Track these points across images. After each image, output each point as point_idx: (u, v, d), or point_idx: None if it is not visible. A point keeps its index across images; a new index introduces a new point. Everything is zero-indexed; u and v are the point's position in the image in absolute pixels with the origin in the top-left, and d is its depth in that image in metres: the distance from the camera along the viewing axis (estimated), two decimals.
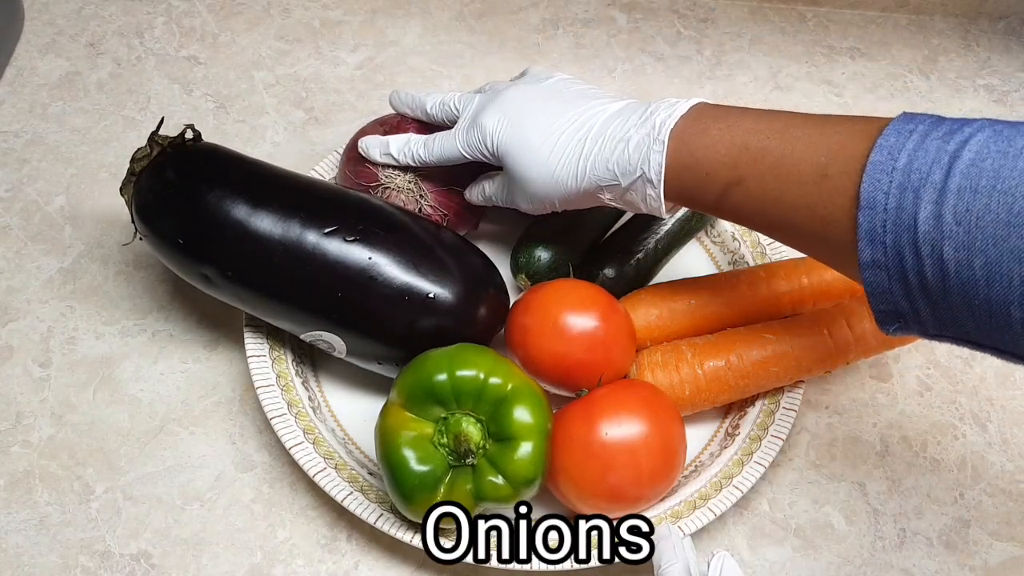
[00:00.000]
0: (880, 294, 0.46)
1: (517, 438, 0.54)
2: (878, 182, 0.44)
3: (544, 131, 0.60)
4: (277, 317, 0.61)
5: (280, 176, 0.62)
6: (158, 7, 0.88)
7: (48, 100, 0.81)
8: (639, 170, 0.56)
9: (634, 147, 0.56)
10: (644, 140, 0.56)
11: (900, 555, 0.61)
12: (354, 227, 0.59)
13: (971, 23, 0.91)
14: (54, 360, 0.68)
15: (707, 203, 0.55)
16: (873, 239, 0.44)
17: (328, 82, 0.84)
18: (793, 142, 0.50)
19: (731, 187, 0.53)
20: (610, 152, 0.57)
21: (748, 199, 0.52)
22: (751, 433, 0.62)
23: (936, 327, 0.45)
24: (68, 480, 0.63)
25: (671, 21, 0.90)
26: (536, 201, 0.62)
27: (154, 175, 0.61)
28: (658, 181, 0.55)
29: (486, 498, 0.54)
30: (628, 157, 0.56)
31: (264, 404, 0.62)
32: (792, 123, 0.52)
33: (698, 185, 0.54)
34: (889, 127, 0.46)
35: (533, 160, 0.60)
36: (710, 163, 0.53)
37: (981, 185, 0.41)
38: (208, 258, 0.60)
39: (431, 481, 0.54)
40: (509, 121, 0.61)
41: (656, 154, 0.55)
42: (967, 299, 0.42)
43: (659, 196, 0.56)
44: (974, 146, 0.43)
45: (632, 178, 0.56)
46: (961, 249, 0.42)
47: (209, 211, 0.59)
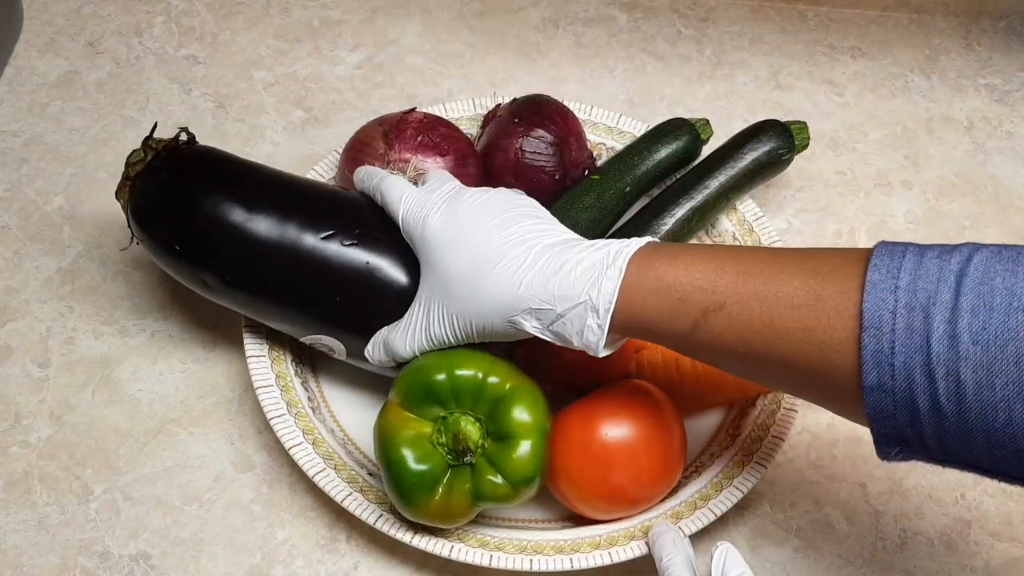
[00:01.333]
0: (884, 418, 0.43)
1: (516, 437, 0.54)
2: (882, 301, 0.42)
3: (483, 239, 0.54)
4: (276, 321, 0.61)
5: (276, 179, 0.62)
6: (157, 6, 0.88)
7: (47, 99, 0.81)
8: (584, 296, 0.49)
9: (582, 271, 0.50)
10: (596, 265, 0.50)
11: (901, 556, 0.61)
12: (351, 231, 0.59)
13: (972, 22, 0.91)
14: (53, 360, 0.67)
15: (677, 333, 0.49)
16: (880, 361, 0.42)
17: (328, 81, 0.84)
18: (776, 266, 0.47)
19: (709, 314, 0.47)
20: (552, 272, 0.51)
21: (729, 326, 0.47)
22: (752, 433, 0.62)
23: (942, 453, 0.43)
24: (67, 480, 0.63)
25: (671, 20, 0.90)
26: (459, 321, 0.54)
27: (149, 181, 0.61)
28: (605, 311, 0.49)
29: (485, 497, 0.54)
30: (573, 280, 0.50)
31: (263, 404, 0.62)
32: (769, 251, 0.49)
33: (666, 312, 0.49)
34: (877, 248, 0.44)
35: (465, 267, 0.53)
36: (683, 287, 0.48)
37: (996, 303, 0.40)
38: (205, 264, 0.60)
39: (429, 480, 0.54)
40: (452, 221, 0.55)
41: (609, 280, 0.49)
42: (985, 423, 0.40)
43: (602, 328, 0.49)
44: (979, 264, 0.41)
45: (571, 304, 0.50)
46: (980, 370, 0.40)
47: (205, 217, 0.59)
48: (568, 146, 0.70)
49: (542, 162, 0.69)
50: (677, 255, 0.49)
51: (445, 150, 0.67)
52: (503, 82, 0.84)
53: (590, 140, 0.74)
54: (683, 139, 0.72)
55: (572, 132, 0.71)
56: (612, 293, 0.49)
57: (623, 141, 0.75)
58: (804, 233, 0.76)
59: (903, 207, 0.78)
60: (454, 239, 0.54)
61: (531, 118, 0.70)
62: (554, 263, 0.51)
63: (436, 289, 0.55)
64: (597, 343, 0.50)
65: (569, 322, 0.50)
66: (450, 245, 0.54)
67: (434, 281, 0.55)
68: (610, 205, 0.70)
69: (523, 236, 0.53)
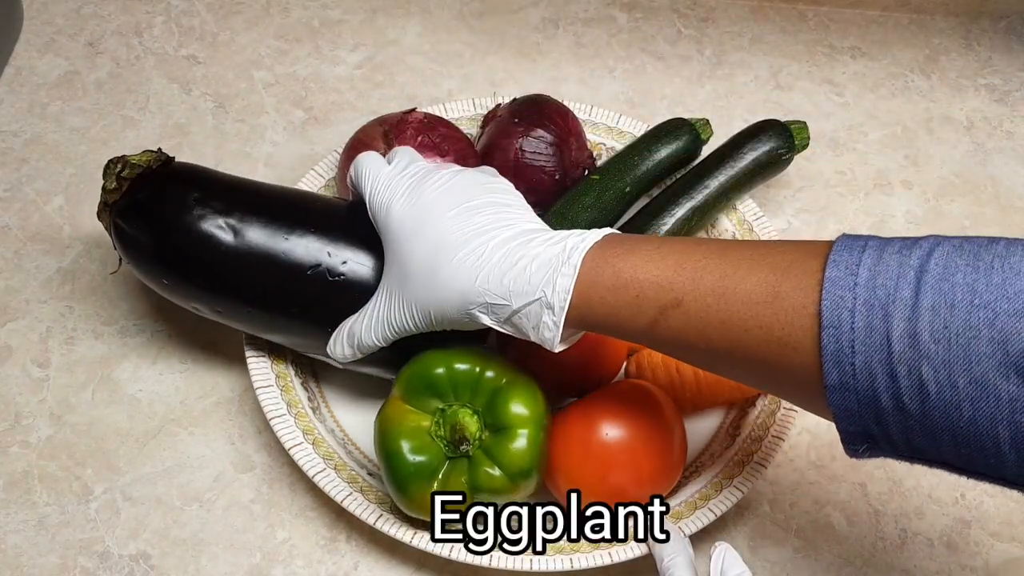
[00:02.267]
0: (848, 417, 0.43)
1: (513, 428, 0.54)
2: (840, 299, 0.41)
3: (443, 229, 0.53)
4: (272, 339, 0.62)
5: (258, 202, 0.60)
6: (157, 6, 0.88)
7: (47, 99, 0.81)
8: (539, 292, 0.49)
9: (538, 267, 0.50)
10: (551, 261, 0.50)
11: (901, 556, 0.61)
12: (338, 261, 0.58)
13: (972, 22, 0.91)
14: (53, 360, 0.67)
15: (635, 329, 0.49)
16: (840, 360, 0.41)
17: (328, 81, 0.84)
18: (735, 261, 0.46)
19: (666, 310, 0.47)
20: (508, 267, 0.50)
21: (687, 323, 0.47)
22: (752, 434, 0.62)
23: (908, 450, 0.43)
24: (67, 480, 0.63)
25: (671, 20, 0.90)
26: (420, 311, 0.53)
27: (128, 216, 0.60)
28: (560, 308, 0.49)
29: (481, 488, 0.54)
30: (528, 277, 0.50)
31: (263, 404, 0.62)
32: (728, 244, 0.48)
33: (624, 309, 0.48)
34: (837, 242, 0.43)
35: (424, 257, 0.53)
36: (640, 284, 0.48)
37: (957, 300, 0.39)
38: (194, 297, 0.60)
39: (427, 472, 0.54)
40: (413, 207, 0.55)
41: (564, 278, 0.49)
42: (949, 421, 0.40)
43: (557, 324, 0.49)
44: (939, 260, 0.40)
45: (526, 300, 0.49)
46: (942, 369, 0.39)
47: (190, 254, 0.58)
48: (568, 146, 0.70)
49: (542, 162, 0.69)
50: (635, 249, 0.49)
51: (445, 150, 0.67)
52: (503, 82, 0.84)
53: (590, 140, 0.74)
54: (683, 139, 0.72)
55: (572, 132, 0.71)
56: (567, 291, 0.49)
57: (623, 141, 0.75)
58: (804, 233, 0.76)
59: (903, 207, 0.78)
60: (415, 229, 0.54)
61: (531, 118, 0.70)
62: (510, 258, 0.50)
63: (397, 278, 0.54)
64: (552, 339, 0.50)
65: (525, 317, 0.50)
66: (411, 234, 0.54)
67: (395, 269, 0.54)
68: (610, 205, 0.70)
69: (483, 227, 0.53)
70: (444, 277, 0.52)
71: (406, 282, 0.53)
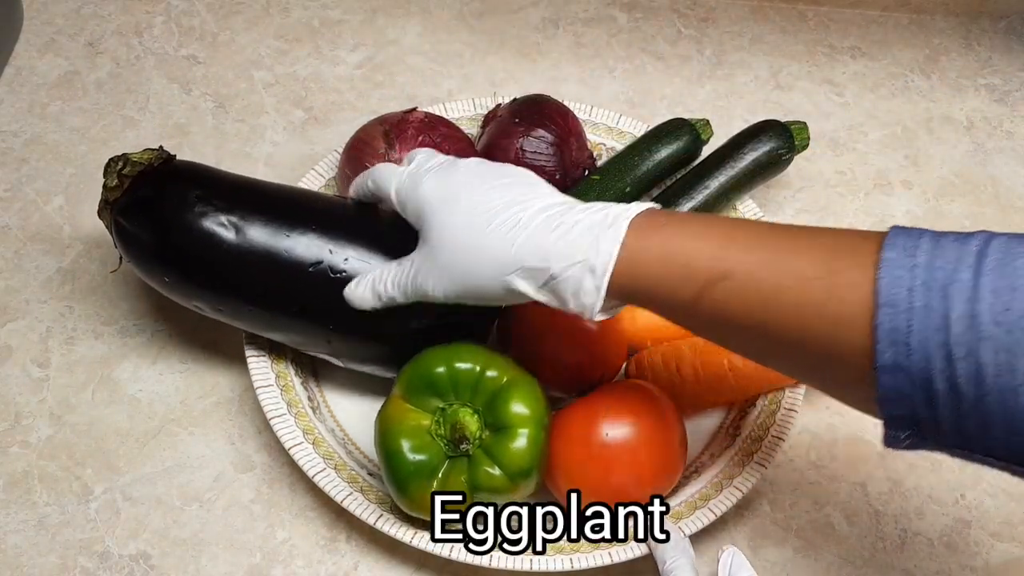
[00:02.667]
0: (898, 399, 0.41)
1: (513, 428, 0.54)
2: (898, 279, 0.40)
3: (479, 199, 0.52)
4: (273, 337, 0.62)
5: (260, 200, 0.60)
6: (157, 6, 0.88)
7: (47, 99, 0.81)
8: (581, 255, 0.47)
9: (580, 231, 0.48)
10: (596, 225, 0.48)
11: (901, 556, 0.61)
12: (340, 259, 0.58)
13: (972, 22, 0.91)
14: (53, 360, 0.67)
15: (679, 301, 0.47)
16: (895, 340, 0.40)
17: (328, 81, 0.84)
18: (786, 239, 0.45)
19: (714, 282, 0.45)
20: (549, 230, 0.49)
21: (736, 296, 0.45)
22: (752, 433, 0.62)
23: (956, 438, 0.41)
24: (67, 480, 0.63)
25: (671, 20, 0.90)
26: (450, 278, 0.52)
27: (129, 214, 0.60)
28: (602, 272, 0.47)
29: (481, 487, 0.54)
30: (571, 240, 0.48)
31: (263, 404, 0.62)
32: (776, 224, 0.47)
33: (670, 279, 0.46)
34: (892, 230, 0.43)
35: (460, 224, 0.51)
36: (687, 254, 0.46)
37: (1020, 284, 0.38)
38: (195, 295, 0.60)
39: (426, 471, 0.54)
40: (445, 182, 0.54)
41: (608, 241, 0.47)
42: (1005, 407, 0.39)
43: (599, 289, 0.47)
44: (998, 247, 0.40)
45: (567, 263, 0.48)
46: (1001, 352, 0.38)
47: (189, 253, 0.58)
48: (568, 146, 0.70)
49: (542, 162, 0.69)
50: (684, 221, 0.48)
51: (446, 150, 0.67)
52: (503, 82, 0.84)
53: (590, 140, 0.74)
54: (683, 139, 0.72)
55: (572, 132, 0.71)
56: (611, 254, 0.47)
57: (623, 141, 0.75)
58: None
59: (903, 207, 0.78)
60: (448, 198, 0.53)
61: (531, 118, 0.70)
62: (551, 222, 0.49)
63: (431, 246, 0.53)
64: (593, 305, 0.48)
65: (564, 282, 0.48)
66: (445, 204, 0.53)
67: (430, 239, 0.53)
68: None
69: (520, 196, 0.52)
70: (481, 241, 0.50)
71: (440, 248, 0.52)
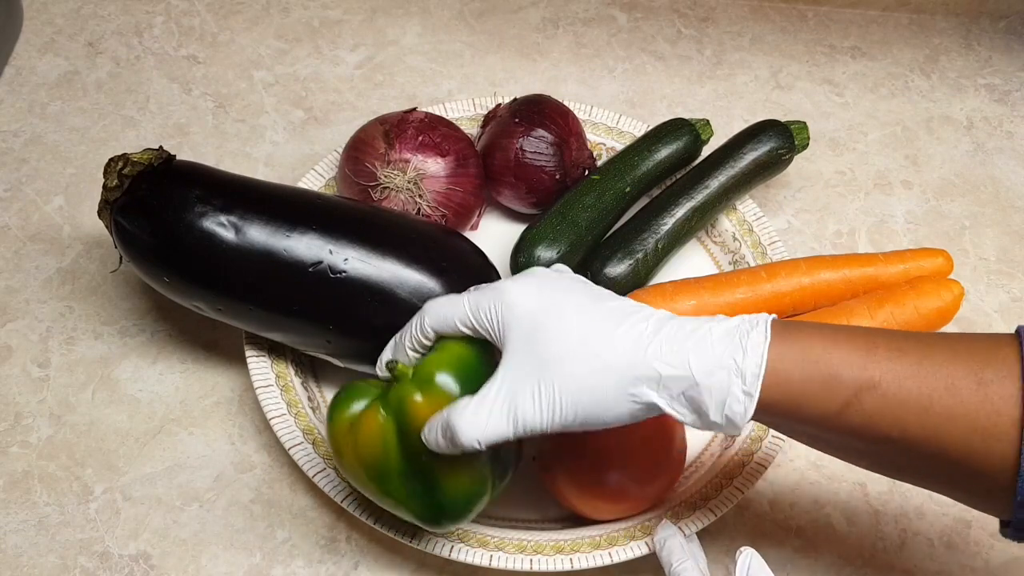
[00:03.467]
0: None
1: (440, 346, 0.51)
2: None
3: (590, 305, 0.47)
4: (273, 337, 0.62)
5: (260, 200, 0.60)
6: (157, 6, 0.88)
7: (47, 99, 0.81)
8: (727, 359, 0.44)
9: (721, 334, 0.45)
10: (737, 327, 0.45)
11: (901, 556, 0.61)
12: (340, 259, 0.58)
13: (972, 22, 0.91)
14: (53, 360, 0.67)
15: (824, 412, 0.45)
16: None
17: (328, 81, 0.84)
18: (928, 345, 0.44)
19: (862, 392, 0.44)
20: (685, 335, 0.45)
21: (884, 407, 0.44)
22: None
23: None
24: (67, 480, 0.63)
25: (671, 20, 0.90)
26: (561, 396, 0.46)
27: (129, 214, 0.60)
28: (754, 376, 0.44)
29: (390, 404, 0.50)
30: (711, 344, 0.44)
31: (263, 404, 0.62)
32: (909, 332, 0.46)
33: (815, 389, 0.44)
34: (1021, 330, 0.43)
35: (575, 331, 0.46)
36: (832, 362, 0.44)
37: None
38: (195, 295, 0.60)
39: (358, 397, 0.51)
40: (542, 295, 0.48)
41: (755, 343, 0.44)
42: None
43: (750, 395, 0.44)
44: None
45: (710, 369, 0.44)
46: None
47: (190, 251, 0.58)
48: (568, 146, 0.70)
49: (542, 162, 0.69)
50: (820, 328, 0.46)
51: (446, 150, 0.67)
52: (503, 82, 0.84)
53: (590, 140, 0.74)
54: (683, 139, 0.72)
55: (572, 132, 0.71)
56: (761, 356, 0.44)
57: (623, 141, 0.75)
58: (804, 233, 0.76)
59: (903, 207, 0.78)
60: (550, 306, 0.47)
61: (531, 118, 0.70)
62: (683, 329, 0.45)
63: (529, 367, 0.46)
64: (743, 414, 0.45)
65: (707, 391, 0.44)
66: (546, 317, 0.47)
67: (526, 359, 0.47)
68: (610, 205, 0.70)
69: (632, 306, 0.47)
70: (603, 354, 0.45)
71: (546, 367, 0.46)
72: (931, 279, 0.64)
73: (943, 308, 0.62)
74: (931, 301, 0.62)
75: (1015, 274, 0.74)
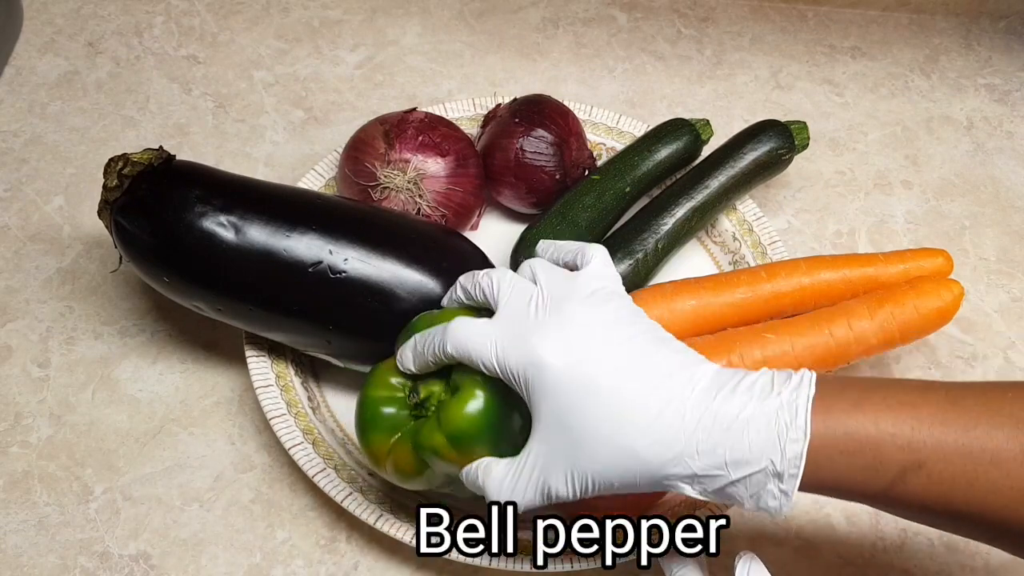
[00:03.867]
0: None
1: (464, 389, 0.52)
2: None
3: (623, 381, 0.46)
4: (273, 337, 0.62)
5: (260, 200, 0.60)
6: (157, 6, 0.88)
7: (47, 99, 0.81)
8: (764, 461, 0.44)
9: (757, 430, 0.44)
10: (772, 422, 0.44)
11: (901, 556, 0.61)
12: (340, 259, 0.58)
13: (972, 22, 0.91)
14: (53, 360, 0.67)
15: (868, 493, 0.45)
16: None
17: (328, 81, 0.84)
18: (972, 412, 0.44)
19: (907, 472, 0.44)
20: (720, 432, 0.44)
21: (929, 486, 0.44)
22: None
23: None
24: (67, 480, 0.63)
25: (671, 20, 0.90)
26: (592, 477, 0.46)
27: (128, 214, 0.60)
28: (791, 477, 0.44)
29: (423, 448, 0.52)
30: (748, 443, 0.44)
31: (263, 404, 0.62)
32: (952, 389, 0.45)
33: (859, 473, 0.44)
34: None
35: (607, 420, 0.46)
36: (876, 445, 0.44)
37: None
38: (195, 295, 0.60)
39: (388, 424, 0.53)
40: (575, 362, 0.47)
41: (794, 443, 0.44)
42: None
43: (787, 493, 0.44)
44: None
45: (748, 471, 0.44)
46: None
47: (188, 252, 0.58)
48: (568, 146, 0.70)
49: (542, 162, 0.69)
50: (861, 402, 0.45)
51: (446, 150, 0.67)
52: (503, 82, 0.84)
53: (590, 140, 0.74)
54: (683, 139, 0.72)
55: (572, 132, 0.71)
56: (800, 457, 0.44)
57: (623, 141, 0.75)
58: (804, 233, 0.76)
59: (903, 207, 0.78)
60: (582, 385, 0.46)
61: (531, 118, 0.70)
62: (719, 421, 0.45)
63: (561, 446, 0.47)
64: (778, 508, 0.45)
65: (743, 487, 0.45)
66: (578, 394, 0.46)
67: (559, 437, 0.47)
68: (610, 205, 0.70)
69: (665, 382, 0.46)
70: (635, 448, 0.45)
71: (578, 450, 0.46)
72: (931, 279, 0.64)
73: (943, 308, 0.62)
74: (931, 301, 0.62)
75: (1015, 274, 0.74)
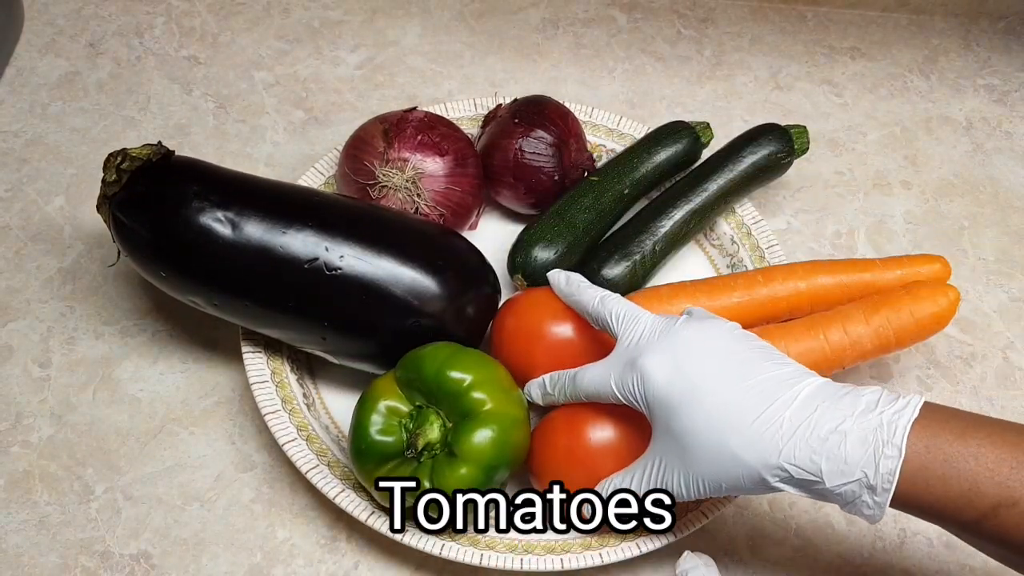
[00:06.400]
0: None
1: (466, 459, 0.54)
2: None
3: (724, 395, 0.50)
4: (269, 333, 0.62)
5: (257, 197, 0.60)
6: (158, 7, 0.88)
7: (48, 100, 0.82)
8: (859, 473, 0.46)
9: (854, 443, 0.47)
10: (868, 438, 0.47)
11: (900, 555, 0.61)
12: (336, 256, 0.58)
13: (971, 23, 0.91)
14: (54, 360, 0.68)
15: (959, 521, 0.47)
16: None
17: (328, 82, 0.84)
18: None
19: (1000, 508, 0.45)
20: (818, 441, 0.47)
21: (1022, 523, 0.45)
22: None
23: None
24: (68, 480, 0.63)
25: (671, 21, 0.90)
26: (701, 479, 0.51)
27: (127, 208, 0.60)
28: (884, 491, 0.46)
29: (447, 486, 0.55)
30: (844, 455, 0.47)
31: (258, 400, 0.62)
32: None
33: (953, 501, 0.46)
34: None
35: (710, 426, 0.49)
36: (974, 477, 0.45)
37: None
38: (191, 290, 0.60)
39: (381, 454, 0.55)
40: (679, 373, 0.51)
41: (888, 459, 0.46)
42: None
43: (880, 505, 0.47)
44: None
45: (842, 480, 0.47)
46: None
47: (186, 247, 0.59)
48: (568, 147, 0.71)
49: (541, 163, 0.70)
50: (965, 434, 0.46)
51: (445, 150, 0.68)
52: (503, 82, 0.84)
53: (590, 141, 0.74)
54: (683, 142, 0.72)
55: (572, 133, 0.71)
56: (892, 473, 0.46)
57: (623, 143, 0.75)
58: (803, 233, 0.76)
59: (902, 207, 0.78)
60: (684, 396, 0.51)
61: (531, 118, 0.70)
62: (817, 430, 0.47)
63: (673, 450, 0.51)
64: (872, 517, 0.48)
65: (838, 495, 0.48)
66: (681, 405, 0.51)
67: (669, 441, 0.51)
68: (608, 207, 0.70)
69: (768, 389, 0.49)
70: (738, 451, 0.49)
71: (687, 455, 0.51)
72: (927, 284, 0.63)
73: (939, 313, 0.62)
74: (927, 306, 0.62)
75: (1014, 274, 0.74)
